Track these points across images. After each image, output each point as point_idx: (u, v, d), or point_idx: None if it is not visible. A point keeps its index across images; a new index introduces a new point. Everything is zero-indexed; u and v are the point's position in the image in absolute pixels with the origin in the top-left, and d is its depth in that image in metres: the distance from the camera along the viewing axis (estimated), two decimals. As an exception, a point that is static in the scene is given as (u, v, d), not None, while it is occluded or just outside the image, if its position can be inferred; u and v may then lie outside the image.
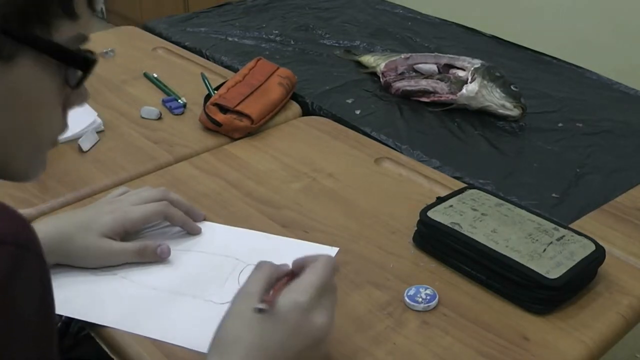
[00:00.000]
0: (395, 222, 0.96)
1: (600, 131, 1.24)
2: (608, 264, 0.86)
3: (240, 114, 1.16)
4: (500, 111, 1.24)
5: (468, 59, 1.31)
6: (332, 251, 0.90)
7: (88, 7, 0.57)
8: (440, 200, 0.93)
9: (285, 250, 0.90)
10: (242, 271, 0.86)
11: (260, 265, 0.72)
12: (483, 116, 1.26)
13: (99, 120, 1.17)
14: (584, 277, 0.84)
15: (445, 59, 1.34)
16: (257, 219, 0.96)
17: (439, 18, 1.72)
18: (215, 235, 0.93)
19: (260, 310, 0.65)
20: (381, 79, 1.37)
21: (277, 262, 0.73)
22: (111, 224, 0.85)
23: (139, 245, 0.86)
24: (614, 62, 1.86)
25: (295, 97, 1.31)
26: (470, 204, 0.91)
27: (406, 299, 0.82)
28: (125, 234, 0.88)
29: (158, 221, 0.92)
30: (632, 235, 0.96)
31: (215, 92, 1.22)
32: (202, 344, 0.69)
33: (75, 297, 0.82)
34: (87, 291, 0.83)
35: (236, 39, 1.57)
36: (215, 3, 1.79)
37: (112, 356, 0.77)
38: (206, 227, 0.94)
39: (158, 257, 0.86)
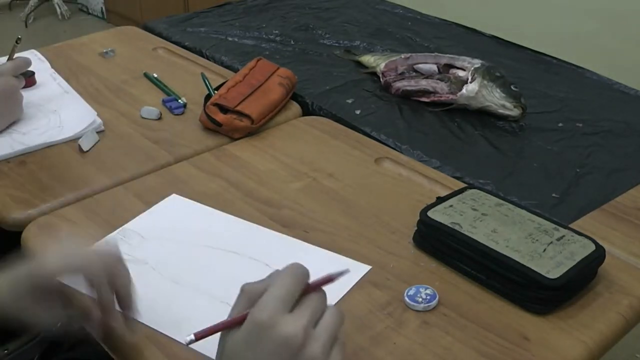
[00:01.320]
0: (395, 222, 0.96)
1: (600, 131, 1.24)
2: (608, 264, 0.86)
3: (240, 114, 1.16)
4: (501, 111, 1.24)
5: (468, 59, 1.31)
6: (364, 268, 0.87)
7: None
8: (440, 200, 0.93)
9: (316, 262, 0.85)
10: None
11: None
12: (483, 116, 1.26)
13: (99, 120, 1.17)
14: (584, 277, 0.84)
15: (445, 59, 1.34)
16: (258, 219, 0.96)
17: (439, 18, 1.72)
18: (253, 237, 0.93)
19: (188, 342, 0.62)
20: (381, 79, 1.37)
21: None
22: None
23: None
24: (614, 62, 1.86)
25: (295, 97, 1.31)
26: (471, 204, 0.92)
27: (406, 298, 0.82)
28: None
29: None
30: (632, 235, 0.96)
31: (216, 92, 1.22)
32: (206, 346, 0.67)
33: None
34: None
35: (236, 39, 1.57)
36: (215, 3, 1.79)
37: (113, 356, 0.77)
38: (248, 228, 0.94)
39: None
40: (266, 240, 0.93)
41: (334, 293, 0.80)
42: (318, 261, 0.88)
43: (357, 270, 0.87)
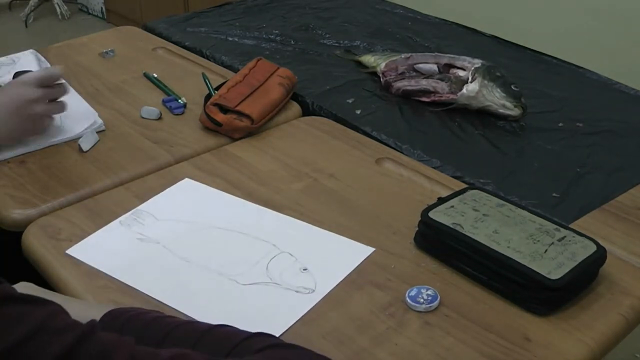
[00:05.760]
0: (396, 223, 0.96)
1: (600, 131, 1.24)
2: (609, 264, 0.86)
3: (240, 114, 1.16)
4: (501, 111, 1.24)
5: (468, 58, 1.31)
6: (368, 250, 0.90)
7: None
8: (441, 200, 0.93)
9: (321, 242, 0.92)
10: (273, 258, 0.88)
11: None
12: (483, 116, 1.26)
13: (99, 121, 1.17)
14: (585, 277, 0.84)
15: (445, 58, 1.34)
16: (258, 220, 0.96)
17: (439, 18, 1.72)
18: (263, 219, 0.96)
19: None
20: (381, 79, 1.36)
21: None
22: None
23: None
24: (614, 62, 1.86)
25: (295, 97, 1.30)
26: (472, 205, 0.91)
27: (407, 299, 0.82)
28: None
29: None
30: (633, 235, 0.96)
31: (216, 92, 1.22)
32: (216, 319, 0.71)
33: (118, 258, 0.88)
34: (128, 255, 0.89)
35: (236, 39, 1.57)
36: (215, 3, 1.79)
37: None
38: (257, 211, 0.98)
39: None
40: (274, 222, 0.96)
41: (336, 273, 0.86)
42: (323, 242, 0.92)
43: (361, 252, 0.90)
